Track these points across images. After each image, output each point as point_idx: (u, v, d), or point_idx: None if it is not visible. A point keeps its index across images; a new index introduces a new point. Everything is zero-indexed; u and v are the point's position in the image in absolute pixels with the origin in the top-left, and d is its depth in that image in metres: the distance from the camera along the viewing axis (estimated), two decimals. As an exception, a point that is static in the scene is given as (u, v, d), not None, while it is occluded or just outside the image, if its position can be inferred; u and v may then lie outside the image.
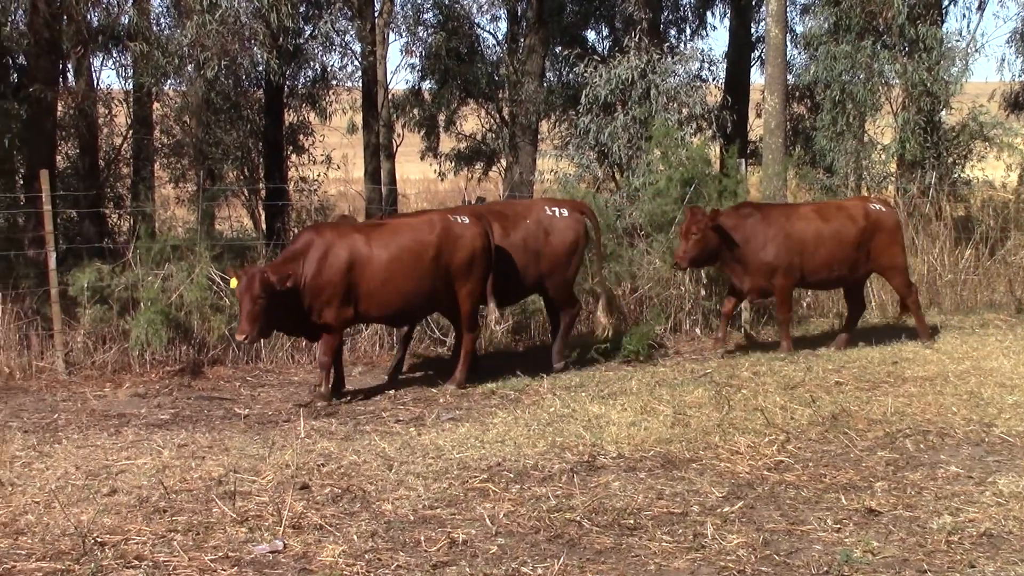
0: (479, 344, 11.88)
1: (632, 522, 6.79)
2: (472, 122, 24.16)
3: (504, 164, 22.80)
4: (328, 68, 20.53)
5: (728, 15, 23.31)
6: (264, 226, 18.25)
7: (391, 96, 23.51)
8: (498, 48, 23.16)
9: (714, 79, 22.17)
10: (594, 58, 17.02)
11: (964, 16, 29.52)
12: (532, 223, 11.61)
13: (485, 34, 23.43)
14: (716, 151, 16.16)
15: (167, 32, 15.97)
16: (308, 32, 18.95)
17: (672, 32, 23.16)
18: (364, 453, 8.31)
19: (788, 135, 18.28)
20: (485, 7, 22.42)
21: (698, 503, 7.16)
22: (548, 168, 17.88)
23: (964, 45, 17.49)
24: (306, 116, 21.01)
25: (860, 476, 7.74)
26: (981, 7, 19.29)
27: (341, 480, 7.64)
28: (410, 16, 22.52)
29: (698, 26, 23.88)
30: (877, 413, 9.31)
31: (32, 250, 13.44)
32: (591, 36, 22.84)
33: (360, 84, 20.85)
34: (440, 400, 10.55)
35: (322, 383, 10.47)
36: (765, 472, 7.83)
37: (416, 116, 24.08)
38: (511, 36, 22.49)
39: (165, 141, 19.41)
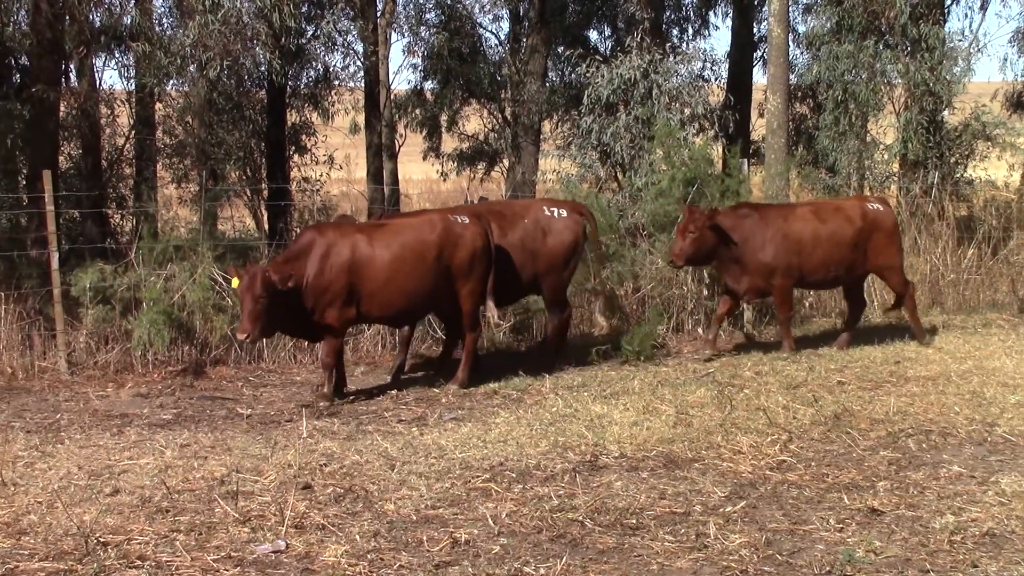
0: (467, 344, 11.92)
1: (634, 522, 6.79)
2: (474, 122, 24.16)
3: (506, 164, 22.80)
4: (330, 68, 20.58)
5: (730, 15, 23.33)
6: (266, 226, 18.27)
7: (393, 96, 23.52)
8: (500, 48, 23.18)
9: (716, 79, 22.10)
10: (596, 58, 17.00)
11: (966, 16, 29.63)
12: (530, 223, 11.61)
13: (487, 34, 23.47)
14: (718, 151, 16.15)
15: (169, 32, 16.01)
16: (310, 32, 18.97)
17: (674, 32, 23.19)
18: (366, 453, 8.31)
19: (790, 135, 18.25)
20: (487, 7, 22.44)
21: (700, 503, 7.16)
22: (550, 168, 17.89)
23: (966, 45, 17.49)
24: (308, 116, 21.03)
25: (862, 476, 7.73)
26: (983, 7, 19.32)
27: (343, 480, 7.64)
28: (412, 16, 22.55)
29: (700, 26, 23.91)
30: (880, 413, 9.30)
31: (35, 250, 13.44)
32: (593, 36, 22.88)
33: (362, 84, 20.86)
34: (442, 400, 10.55)
35: (325, 383, 10.48)
36: (767, 472, 7.83)
37: (418, 116, 24.10)
38: (513, 36, 22.50)
39: (167, 141, 19.43)
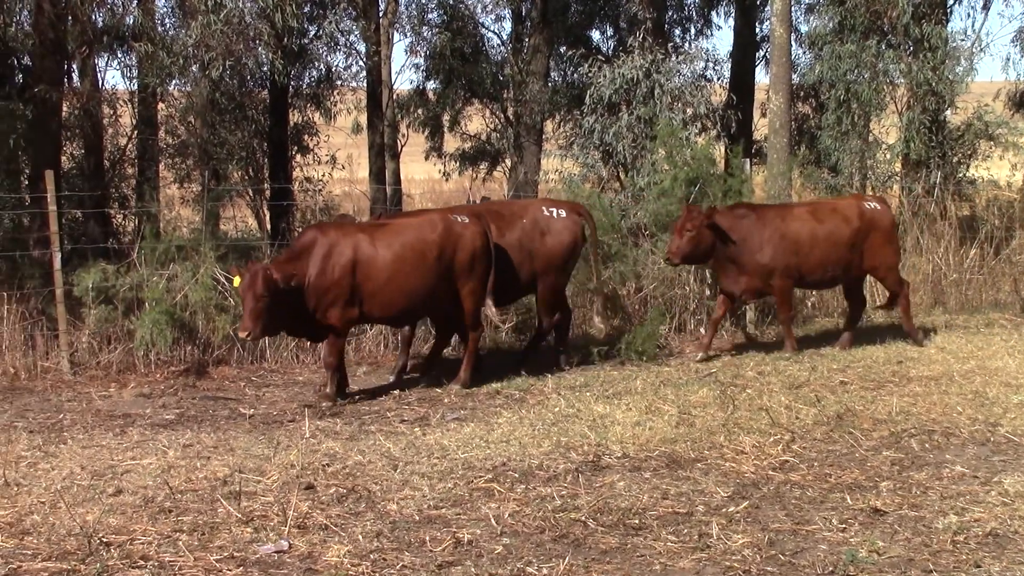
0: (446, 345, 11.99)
1: (637, 522, 6.79)
2: (477, 122, 24.15)
3: (509, 164, 22.79)
4: (333, 68, 20.56)
5: (733, 15, 23.28)
6: (269, 226, 18.26)
7: (396, 96, 23.50)
8: (502, 48, 23.17)
9: (719, 79, 22.13)
10: (598, 58, 17.00)
11: (969, 15, 29.62)
12: (529, 223, 11.59)
13: (489, 34, 23.46)
14: (721, 151, 16.14)
15: (172, 32, 16.02)
16: (313, 32, 18.96)
17: (677, 32, 23.16)
18: (369, 453, 8.31)
19: (793, 135, 18.25)
20: (489, 7, 22.42)
21: (703, 503, 7.16)
22: (553, 168, 17.88)
23: (969, 44, 17.49)
24: (311, 116, 21.01)
25: (865, 476, 7.73)
26: (986, 6, 19.27)
27: (346, 480, 7.64)
28: (414, 16, 22.54)
29: (703, 26, 23.88)
30: (882, 413, 9.30)
31: (37, 250, 13.45)
32: (595, 36, 22.87)
33: (365, 84, 20.83)
34: (445, 400, 10.55)
35: (328, 383, 10.48)
36: (770, 472, 7.83)
37: (420, 116, 24.07)
38: (515, 36, 22.48)
39: (170, 141, 19.42)
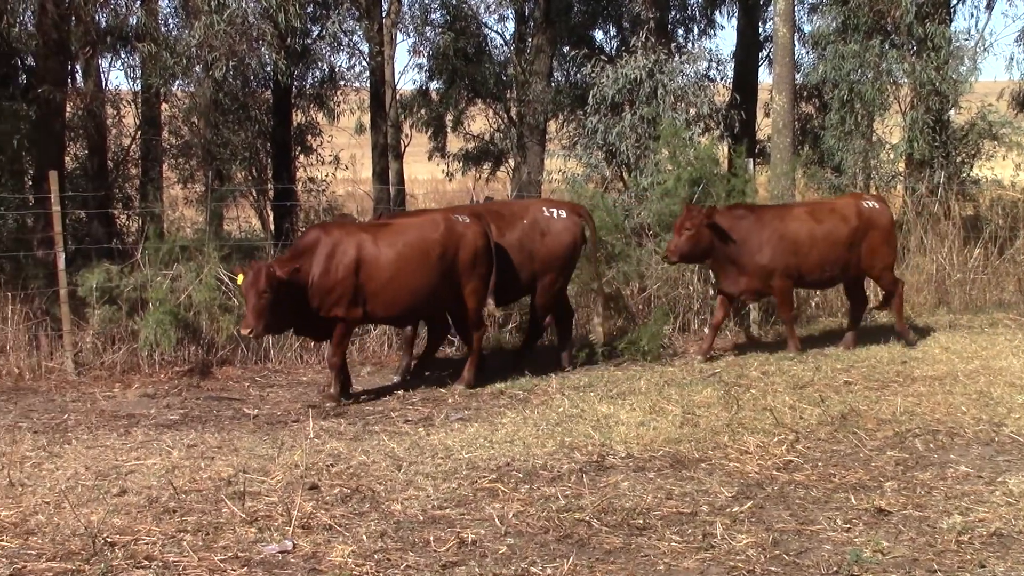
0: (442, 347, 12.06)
1: (641, 522, 6.79)
2: (480, 122, 24.12)
3: (512, 164, 22.77)
4: (336, 68, 20.51)
5: (736, 15, 23.23)
6: (272, 226, 18.26)
7: (399, 96, 23.47)
8: (506, 48, 23.12)
9: (722, 79, 22.11)
10: (601, 58, 16.98)
11: (972, 15, 29.50)
12: (529, 224, 11.59)
13: (493, 34, 23.40)
14: (724, 151, 16.13)
15: (175, 33, 16.01)
16: (316, 32, 18.94)
17: (680, 32, 23.07)
18: (373, 453, 8.31)
19: (796, 134, 18.23)
20: (492, 7, 22.33)
21: (707, 503, 7.16)
22: (556, 168, 17.85)
23: (973, 44, 17.45)
24: (314, 116, 20.99)
25: (870, 476, 7.73)
26: (990, 6, 19.21)
27: (350, 480, 7.65)
28: (418, 16, 22.49)
29: (706, 26, 23.79)
30: (886, 413, 9.30)
31: (41, 251, 13.45)
32: (599, 36, 22.78)
33: (368, 84, 20.80)
34: (449, 400, 10.56)
35: (331, 383, 10.48)
36: (774, 472, 7.83)
37: (424, 116, 24.04)
38: (519, 36, 22.44)
39: (173, 142, 19.42)
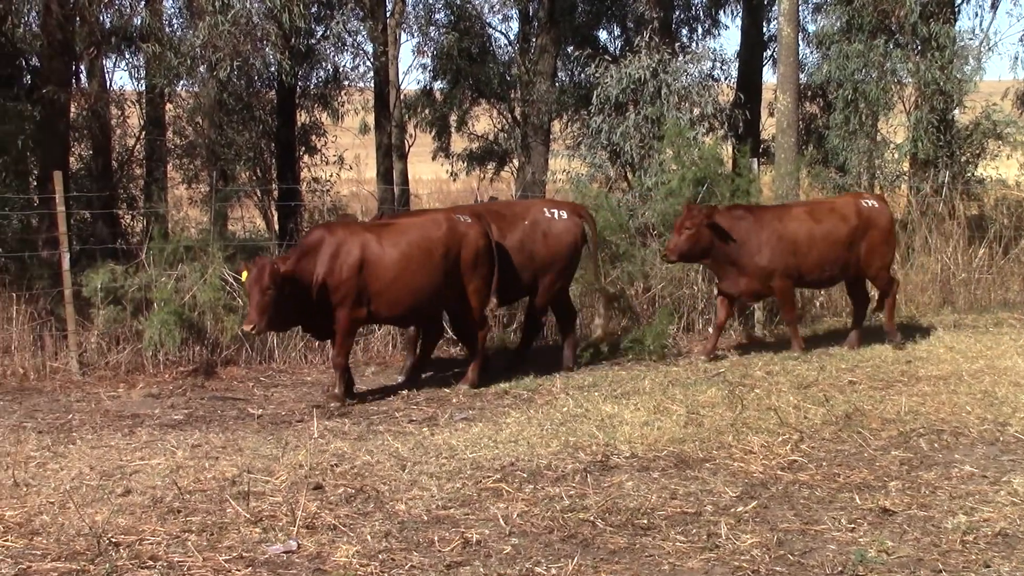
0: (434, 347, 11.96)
1: (646, 522, 6.79)
2: (484, 122, 24.13)
3: (516, 164, 22.78)
4: (340, 69, 20.56)
5: (740, 14, 23.25)
6: (277, 227, 18.28)
7: (403, 96, 23.49)
8: (510, 48, 23.12)
9: (726, 78, 22.13)
10: (606, 58, 16.98)
11: (977, 14, 29.26)
12: (529, 224, 11.58)
13: (497, 34, 23.40)
14: (728, 150, 16.12)
15: (179, 33, 16.04)
16: (320, 33, 18.97)
17: (684, 31, 23.10)
18: (377, 453, 8.31)
19: (800, 134, 18.22)
20: (497, 7, 22.36)
21: (712, 503, 7.16)
22: (560, 168, 17.86)
23: (977, 43, 17.42)
24: (318, 117, 21.04)
25: (874, 475, 7.72)
26: (994, 5, 19.16)
27: (355, 480, 7.65)
28: (422, 16, 22.52)
29: (710, 25, 23.81)
30: (891, 412, 9.29)
31: (46, 251, 13.46)
32: (603, 36, 22.80)
33: (372, 84, 20.83)
34: (453, 400, 10.55)
35: (336, 384, 10.48)
36: (779, 472, 7.82)
37: (428, 116, 24.05)
38: (523, 36, 22.44)
39: (178, 142, 19.46)
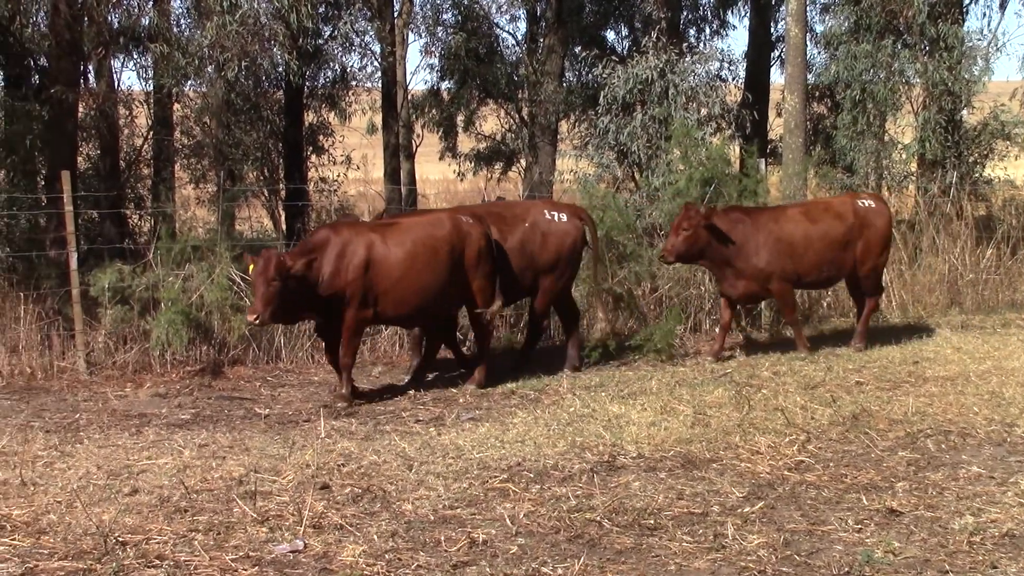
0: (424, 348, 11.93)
1: (652, 522, 6.79)
2: (491, 122, 24.12)
3: (523, 164, 22.78)
4: (347, 69, 20.54)
5: (748, 14, 23.21)
6: (284, 227, 18.28)
7: (410, 96, 23.48)
8: (517, 48, 23.12)
9: (734, 79, 22.05)
10: (613, 58, 16.97)
11: (985, 15, 29.26)
12: (530, 226, 11.57)
13: (504, 34, 23.42)
14: (736, 151, 16.10)
15: (187, 33, 16.03)
16: (327, 33, 18.96)
17: (691, 32, 23.08)
18: (384, 453, 8.32)
19: (808, 134, 18.19)
20: (504, 7, 22.35)
21: (718, 503, 7.15)
22: (568, 168, 17.86)
23: (985, 44, 17.40)
24: (326, 117, 21.02)
25: (881, 476, 7.71)
26: (1003, 5, 19.17)
27: (361, 480, 7.65)
28: (429, 16, 22.53)
29: (718, 26, 23.77)
30: (898, 413, 9.28)
31: (53, 251, 13.48)
32: (610, 36, 22.79)
33: (379, 84, 20.83)
34: (460, 400, 10.56)
35: (343, 384, 10.49)
36: (786, 472, 7.81)
37: (435, 116, 24.05)
38: (530, 36, 22.44)
39: (185, 142, 19.45)
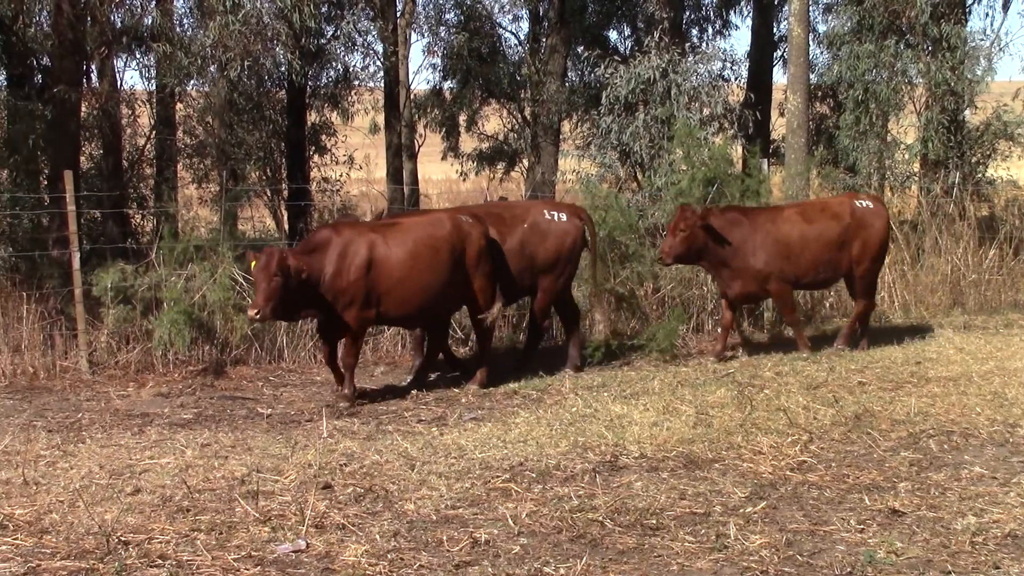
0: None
1: (654, 522, 6.78)
2: (494, 122, 24.12)
3: (526, 164, 22.78)
4: (350, 68, 20.52)
5: (751, 15, 23.24)
6: (287, 226, 18.29)
7: (413, 96, 23.50)
8: (520, 48, 23.10)
9: (736, 78, 22.06)
10: (615, 58, 16.98)
11: (988, 15, 29.33)
12: (529, 226, 11.57)
13: (507, 34, 23.37)
14: (738, 151, 16.10)
15: (190, 33, 16.03)
16: (330, 33, 18.96)
17: (694, 31, 23.10)
18: (386, 453, 8.32)
19: (811, 135, 18.20)
20: (507, 7, 22.36)
21: (721, 503, 7.15)
22: (570, 168, 17.86)
23: (988, 44, 17.39)
24: (328, 116, 21.01)
25: (883, 476, 7.71)
26: (1005, 6, 19.14)
27: (363, 480, 7.65)
28: (432, 16, 22.55)
29: (720, 26, 23.79)
30: (900, 413, 9.27)
31: (56, 250, 13.48)
32: (613, 36, 22.78)
33: (382, 84, 20.83)
34: (462, 400, 10.56)
35: (346, 384, 10.49)
36: (788, 472, 7.81)
37: (438, 116, 24.04)
38: (533, 36, 22.44)
39: (188, 142, 19.43)
